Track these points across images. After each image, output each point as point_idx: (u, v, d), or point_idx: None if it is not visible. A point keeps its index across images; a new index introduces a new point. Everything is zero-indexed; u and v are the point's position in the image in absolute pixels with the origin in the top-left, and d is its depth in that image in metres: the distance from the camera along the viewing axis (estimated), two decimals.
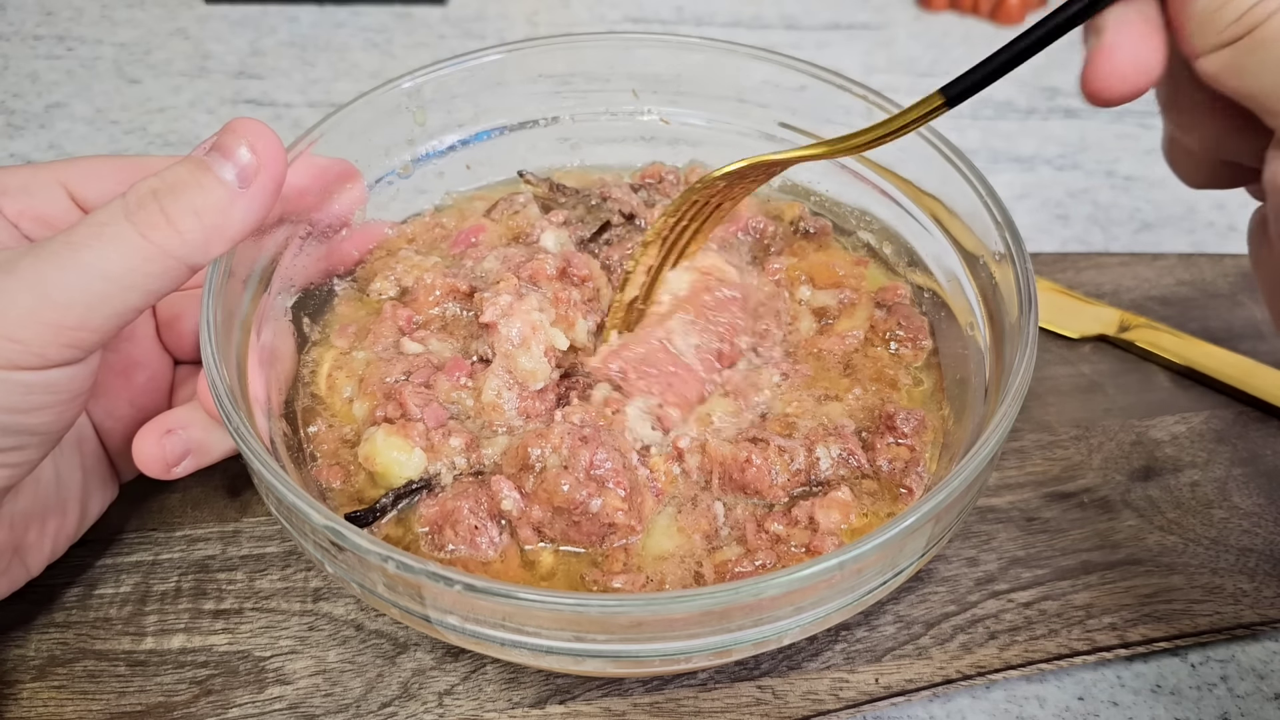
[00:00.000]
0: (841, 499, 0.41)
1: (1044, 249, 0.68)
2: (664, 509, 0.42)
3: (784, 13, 0.94)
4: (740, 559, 0.40)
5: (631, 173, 0.57)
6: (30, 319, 0.34)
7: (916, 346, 0.49)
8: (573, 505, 0.40)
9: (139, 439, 0.43)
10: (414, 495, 0.42)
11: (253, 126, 0.37)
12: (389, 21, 0.90)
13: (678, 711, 0.43)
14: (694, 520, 0.42)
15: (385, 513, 0.41)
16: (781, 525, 0.41)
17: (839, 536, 0.40)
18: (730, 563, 0.40)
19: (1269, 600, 0.47)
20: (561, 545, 0.41)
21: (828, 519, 0.41)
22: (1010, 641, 0.45)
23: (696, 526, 0.41)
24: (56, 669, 0.43)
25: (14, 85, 0.81)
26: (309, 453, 0.44)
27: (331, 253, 0.49)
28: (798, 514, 0.41)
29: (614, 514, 0.40)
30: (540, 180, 0.55)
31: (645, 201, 0.54)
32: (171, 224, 0.35)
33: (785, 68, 0.52)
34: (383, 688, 0.43)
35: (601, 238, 0.52)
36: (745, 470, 0.42)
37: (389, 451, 0.42)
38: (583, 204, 0.54)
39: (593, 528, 0.40)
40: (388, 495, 0.41)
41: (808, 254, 0.53)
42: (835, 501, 0.41)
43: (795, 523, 0.41)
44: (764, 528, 0.41)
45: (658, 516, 0.42)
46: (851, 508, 0.41)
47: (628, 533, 0.41)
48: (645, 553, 0.41)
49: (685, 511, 0.42)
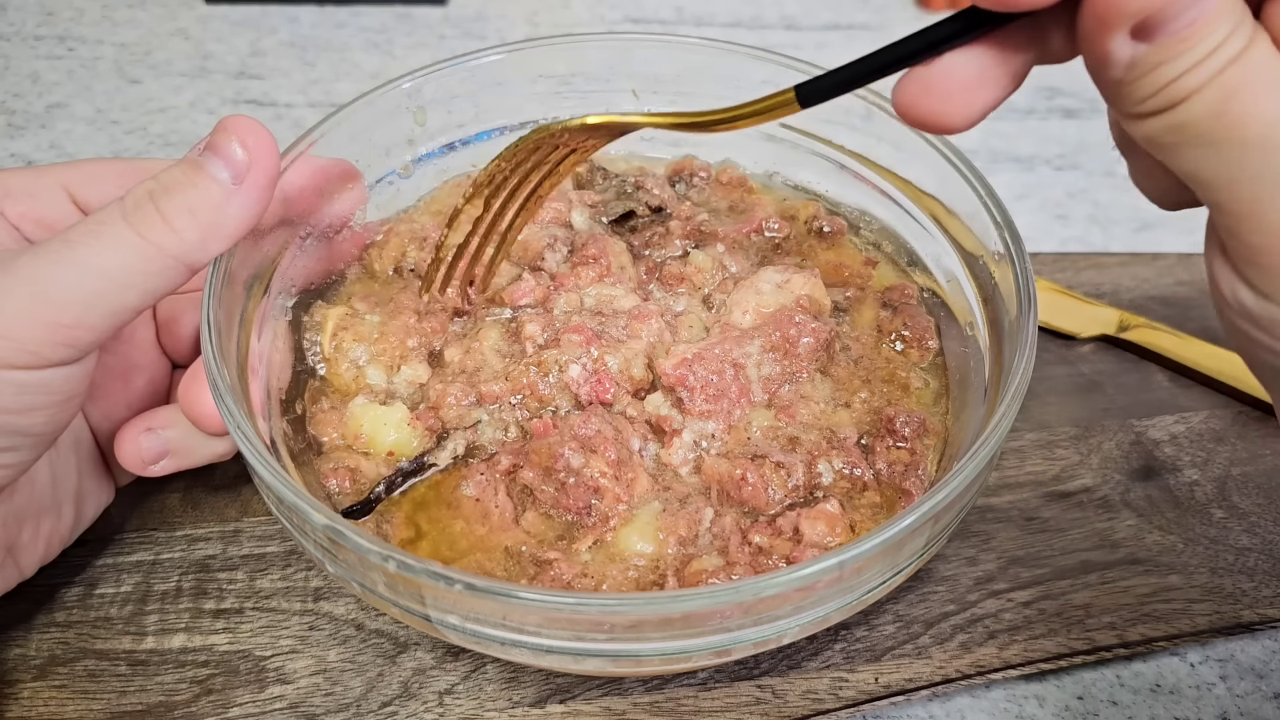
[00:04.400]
0: (829, 511, 0.40)
1: (1043, 249, 0.68)
2: (652, 502, 0.41)
3: (784, 13, 0.94)
4: (717, 571, 0.39)
5: (666, 165, 0.57)
6: (26, 317, 0.34)
7: (922, 347, 0.48)
8: (555, 459, 0.40)
9: (121, 434, 0.43)
10: (407, 480, 0.42)
11: (244, 123, 0.37)
12: (389, 22, 0.90)
13: (678, 711, 0.43)
14: (674, 521, 0.40)
15: (379, 501, 0.42)
16: (765, 536, 0.40)
17: (822, 550, 0.39)
18: (705, 573, 0.39)
19: (1268, 599, 0.47)
20: (552, 510, 0.41)
21: (813, 530, 0.40)
22: (1009, 641, 0.45)
23: (674, 529, 0.40)
24: (57, 668, 0.43)
25: (15, 85, 0.81)
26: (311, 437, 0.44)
27: (332, 253, 0.49)
28: (783, 524, 0.40)
29: (598, 478, 0.40)
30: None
31: (679, 196, 0.54)
32: (168, 223, 0.35)
33: (785, 68, 0.52)
34: (383, 687, 0.43)
35: (627, 224, 0.52)
36: (741, 488, 0.41)
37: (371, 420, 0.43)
38: (615, 189, 0.54)
39: (579, 493, 0.40)
40: (380, 484, 0.42)
41: (817, 253, 0.53)
42: (822, 514, 0.40)
43: (779, 533, 0.40)
44: (748, 539, 0.40)
45: (644, 508, 0.41)
46: (839, 521, 0.40)
47: (615, 502, 0.41)
48: (616, 544, 0.40)
49: (670, 511, 0.41)
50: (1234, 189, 0.27)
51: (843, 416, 0.45)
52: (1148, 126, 0.28)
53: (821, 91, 0.35)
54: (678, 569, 0.39)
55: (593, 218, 0.52)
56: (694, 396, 0.43)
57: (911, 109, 0.31)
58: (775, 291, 0.47)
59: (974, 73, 0.30)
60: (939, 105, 0.30)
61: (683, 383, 0.43)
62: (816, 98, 0.35)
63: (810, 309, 0.47)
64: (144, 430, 0.43)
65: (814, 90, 0.35)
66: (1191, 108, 0.27)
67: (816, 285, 0.48)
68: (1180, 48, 0.27)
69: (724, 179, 0.56)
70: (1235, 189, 0.27)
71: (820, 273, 0.51)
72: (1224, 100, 0.27)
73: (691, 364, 0.43)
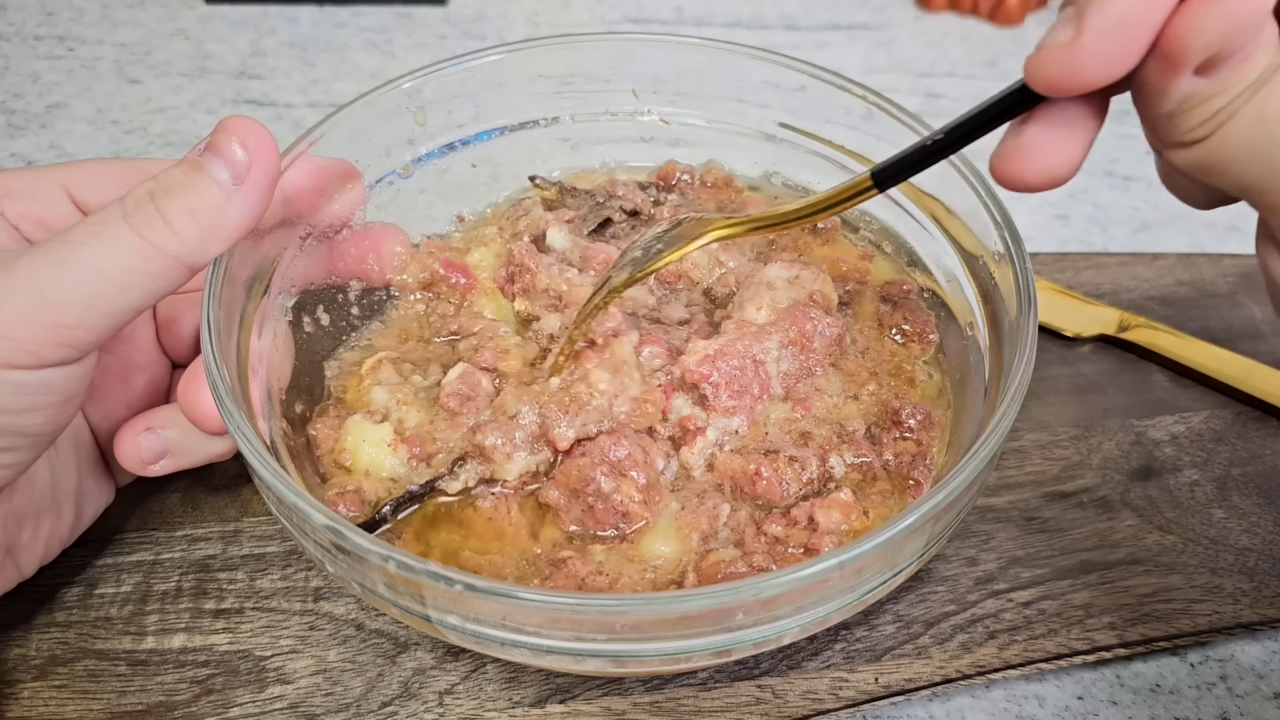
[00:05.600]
0: (843, 500, 0.41)
1: (1043, 249, 0.68)
2: (669, 504, 0.42)
3: (784, 13, 0.94)
4: (735, 561, 0.39)
5: (649, 173, 0.57)
6: (26, 317, 0.34)
7: (924, 341, 0.49)
8: (585, 483, 0.40)
9: (120, 433, 0.43)
10: (415, 502, 0.42)
11: (244, 124, 0.37)
12: (389, 22, 0.90)
13: (678, 711, 0.43)
14: (694, 518, 0.41)
15: (385, 522, 0.41)
16: (780, 527, 0.41)
17: (838, 536, 0.40)
18: (724, 563, 0.39)
19: (1268, 600, 0.47)
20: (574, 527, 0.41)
21: (828, 519, 0.40)
22: (1010, 641, 0.45)
23: (696, 525, 0.41)
24: (57, 668, 0.43)
25: (15, 85, 0.81)
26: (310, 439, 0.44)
27: (332, 253, 0.49)
28: (797, 514, 0.41)
29: (627, 503, 0.40)
30: (550, 184, 0.55)
31: (653, 200, 0.54)
32: (168, 224, 0.35)
33: (785, 68, 0.52)
34: (383, 687, 0.43)
35: (606, 232, 0.52)
36: (755, 483, 0.42)
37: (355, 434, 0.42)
38: (587, 203, 0.54)
39: (608, 516, 0.40)
40: (387, 504, 0.41)
41: (813, 249, 0.53)
42: (836, 502, 0.41)
43: (794, 523, 0.41)
44: (763, 530, 0.41)
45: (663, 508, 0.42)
46: (853, 509, 0.41)
47: (637, 519, 0.41)
48: (638, 548, 0.41)
49: (690, 508, 0.42)
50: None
51: (851, 409, 0.46)
52: (1192, 154, 0.30)
53: (896, 176, 0.36)
54: (696, 564, 0.40)
55: (572, 232, 0.52)
56: (718, 393, 0.43)
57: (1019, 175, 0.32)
58: (787, 287, 0.48)
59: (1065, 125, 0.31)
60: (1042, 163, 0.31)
61: (706, 379, 0.43)
62: (891, 182, 0.37)
63: (822, 304, 0.47)
64: (143, 430, 0.43)
65: (889, 175, 0.36)
66: (1230, 129, 0.28)
67: (826, 281, 0.49)
68: (1235, 79, 0.28)
69: (709, 180, 0.56)
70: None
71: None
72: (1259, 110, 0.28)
73: (714, 360, 0.43)
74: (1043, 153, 0.31)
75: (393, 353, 0.47)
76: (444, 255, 0.50)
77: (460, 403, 0.43)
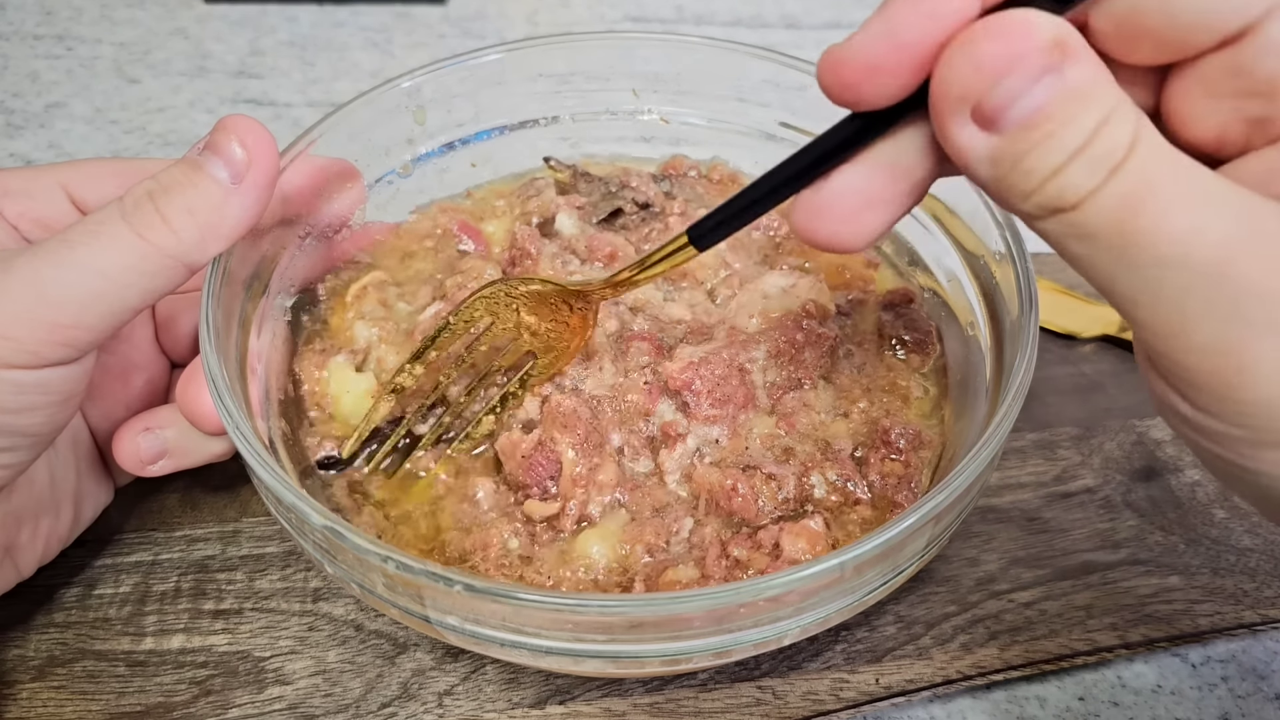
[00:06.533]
0: (811, 529, 0.39)
1: (1044, 249, 0.68)
2: (619, 512, 0.41)
3: (784, 11, 0.93)
4: (690, 584, 0.38)
5: (656, 165, 0.57)
6: (25, 316, 0.34)
7: (924, 352, 0.47)
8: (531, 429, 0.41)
9: (119, 433, 0.43)
10: (379, 440, 0.43)
11: (243, 123, 0.37)
12: (389, 21, 0.90)
13: (678, 712, 0.42)
14: (640, 530, 0.40)
15: (355, 459, 0.43)
16: (745, 550, 0.39)
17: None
18: (679, 584, 0.38)
19: (1270, 600, 0.47)
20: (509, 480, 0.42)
21: (793, 546, 0.39)
22: (1011, 642, 0.45)
23: (641, 538, 0.40)
24: (56, 669, 0.43)
25: (14, 85, 0.81)
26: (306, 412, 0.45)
27: (331, 253, 0.49)
28: (764, 537, 0.39)
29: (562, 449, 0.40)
30: (565, 167, 0.55)
31: (666, 193, 0.54)
32: (167, 223, 0.35)
33: (785, 67, 0.52)
34: (382, 688, 0.43)
35: (616, 222, 0.52)
36: (731, 498, 0.40)
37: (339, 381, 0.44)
38: (599, 190, 0.54)
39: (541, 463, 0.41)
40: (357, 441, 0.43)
41: (818, 253, 0.52)
42: (805, 530, 0.39)
43: (759, 546, 0.39)
44: (727, 551, 0.39)
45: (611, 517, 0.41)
46: (820, 539, 0.39)
47: (572, 485, 0.40)
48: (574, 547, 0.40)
49: (639, 520, 0.40)
50: (1157, 309, 0.25)
51: (840, 427, 0.44)
52: (1046, 226, 0.26)
53: (713, 232, 0.35)
54: (649, 576, 0.39)
55: (581, 219, 0.52)
56: (700, 400, 0.42)
57: (809, 234, 0.29)
58: (781, 296, 0.47)
59: (868, 193, 0.28)
60: (835, 228, 0.29)
61: (688, 386, 0.42)
62: (710, 239, 0.35)
63: (816, 314, 0.47)
64: (142, 430, 0.43)
65: (705, 232, 0.35)
66: (1090, 215, 0.25)
67: (822, 290, 0.48)
68: (1034, 138, 0.24)
69: (715, 176, 0.56)
70: (1158, 309, 0.25)
71: (823, 274, 0.50)
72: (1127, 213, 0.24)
73: (698, 368, 0.43)
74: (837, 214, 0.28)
75: (381, 274, 0.48)
76: (459, 217, 0.51)
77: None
